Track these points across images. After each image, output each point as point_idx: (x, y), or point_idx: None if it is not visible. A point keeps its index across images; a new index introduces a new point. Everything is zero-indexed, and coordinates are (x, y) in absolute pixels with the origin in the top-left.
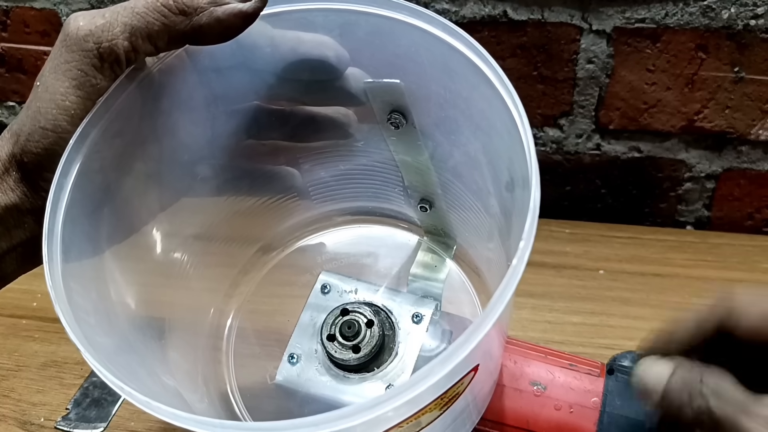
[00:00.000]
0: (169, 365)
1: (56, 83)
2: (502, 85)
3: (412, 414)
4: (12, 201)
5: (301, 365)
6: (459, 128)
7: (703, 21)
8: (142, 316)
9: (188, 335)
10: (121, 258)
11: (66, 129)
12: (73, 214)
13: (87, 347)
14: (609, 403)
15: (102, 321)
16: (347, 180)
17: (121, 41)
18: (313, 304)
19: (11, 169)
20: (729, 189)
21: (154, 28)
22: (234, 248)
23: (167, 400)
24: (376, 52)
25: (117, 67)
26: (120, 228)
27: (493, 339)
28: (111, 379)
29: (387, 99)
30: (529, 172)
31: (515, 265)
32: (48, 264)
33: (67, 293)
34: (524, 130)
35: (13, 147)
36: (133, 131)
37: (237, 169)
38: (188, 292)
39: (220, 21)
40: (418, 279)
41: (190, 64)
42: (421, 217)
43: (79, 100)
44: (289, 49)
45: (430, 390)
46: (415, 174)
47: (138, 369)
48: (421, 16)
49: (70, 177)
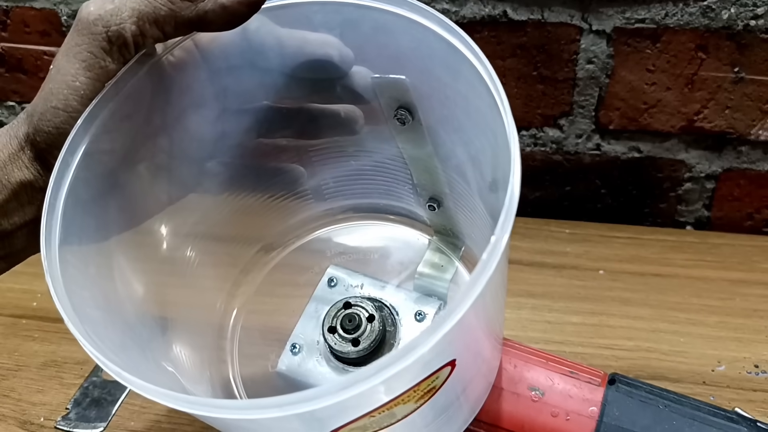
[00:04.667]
0: (170, 354)
1: (67, 65)
2: (492, 82)
3: (382, 404)
4: (27, 178)
5: (302, 355)
6: (461, 126)
7: (703, 21)
8: (144, 310)
9: (191, 333)
10: (124, 249)
11: (76, 108)
12: (77, 192)
13: (73, 318)
14: (607, 414)
15: (97, 297)
16: (358, 177)
17: (128, 25)
18: (319, 296)
19: (26, 147)
20: (729, 189)
21: (160, 13)
22: (237, 246)
23: (164, 383)
24: (380, 48)
25: (125, 50)
26: (126, 215)
27: (470, 336)
28: (95, 353)
29: (393, 95)
30: (510, 170)
31: (485, 259)
32: (45, 238)
33: (62, 267)
34: (509, 127)
35: (28, 127)
36: (142, 117)
37: (246, 166)
38: (191, 290)
39: (225, 7)
40: (424, 278)
41: (201, 60)
42: (430, 216)
43: (89, 81)
44: (296, 49)
45: (392, 380)
46: (424, 171)
47: (132, 347)
48: (421, 12)
49: (77, 154)
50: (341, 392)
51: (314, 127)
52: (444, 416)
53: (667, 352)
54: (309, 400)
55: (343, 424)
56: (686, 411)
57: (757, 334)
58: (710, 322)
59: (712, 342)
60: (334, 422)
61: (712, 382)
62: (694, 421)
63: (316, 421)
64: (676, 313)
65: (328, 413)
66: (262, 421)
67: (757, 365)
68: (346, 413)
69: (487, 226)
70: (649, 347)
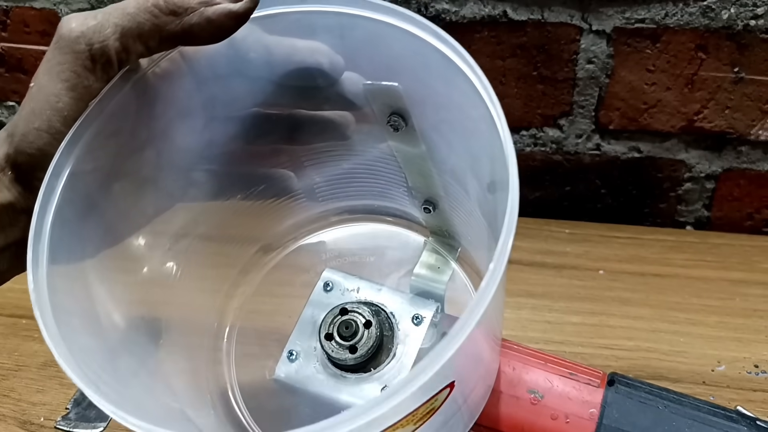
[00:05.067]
0: (167, 372)
1: (49, 84)
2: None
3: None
4: (7, 199)
5: (299, 362)
6: (454, 131)
7: (703, 21)
8: (139, 318)
9: (187, 337)
10: (116, 258)
11: (59, 130)
12: (63, 216)
13: (60, 347)
14: (607, 416)
15: (91, 323)
16: (352, 179)
17: (112, 42)
18: (315, 301)
19: (6, 168)
20: (729, 189)
21: (144, 28)
22: (234, 248)
23: (162, 414)
24: (372, 55)
25: (109, 68)
26: (112, 231)
27: (470, 355)
28: (77, 381)
29: (386, 101)
30: (508, 175)
31: (484, 287)
32: (32, 264)
33: (50, 293)
34: (503, 131)
35: (8, 148)
36: (127, 133)
37: (234, 173)
38: (187, 292)
39: (211, 21)
40: (421, 280)
41: (187, 69)
42: (426, 218)
43: (72, 102)
44: (285, 57)
45: (392, 412)
46: (418, 175)
47: (128, 375)
48: (410, 20)
49: (61, 178)
50: (335, 428)
51: (304, 133)
52: (445, 427)
53: (667, 352)
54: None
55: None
56: (686, 411)
57: (757, 334)
58: (710, 322)
59: (712, 342)
60: None
61: (712, 382)
62: (694, 421)
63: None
64: (676, 313)
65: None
66: None
67: (757, 365)
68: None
69: (484, 228)
70: (649, 347)
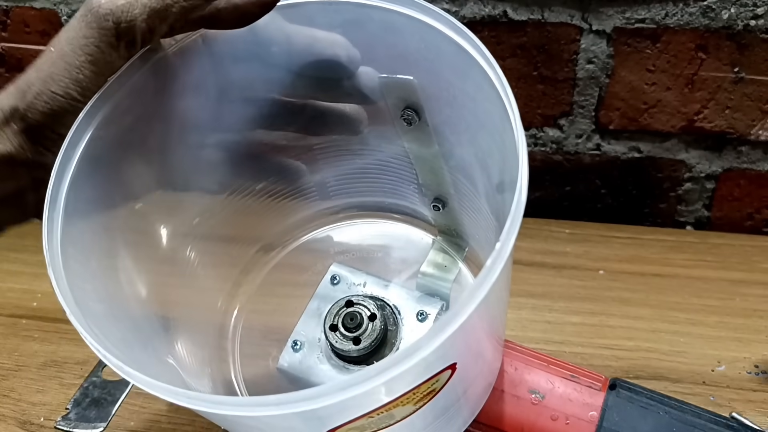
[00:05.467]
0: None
1: (72, 54)
2: (501, 85)
3: (382, 405)
4: (8, 150)
5: (303, 352)
6: (468, 127)
7: (703, 21)
8: (146, 307)
9: (193, 332)
10: (126, 247)
11: (76, 99)
12: (77, 184)
13: (75, 311)
14: (607, 419)
15: (99, 291)
16: (363, 175)
17: (139, 22)
18: (321, 293)
19: (11, 121)
20: (729, 189)
21: (172, 10)
22: (238, 246)
23: (165, 377)
24: (388, 47)
25: (132, 47)
26: (118, 193)
27: (472, 338)
28: (95, 346)
29: (400, 95)
30: (519, 173)
31: (489, 265)
32: (47, 230)
33: (64, 260)
34: (517, 131)
35: (17, 101)
36: (143, 109)
37: (246, 160)
38: (192, 290)
39: (238, 7)
40: (427, 277)
41: (204, 49)
42: (435, 216)
43: (92, 75)
44: (304, 47)
45: (393, 382)
46: (429, 172)
47: (134, 342)
48: (429, 12)
49: (78, 148)
50: (343, 392)
51: (317, 124)
52: (443, 418)
53: (667, 352)
54: (311, 399)
55: (342, 423)
56: (687, 418)
57: (757, 334)
58: (710, 322)
59: (712, 342)
60: (333, 421)
61: (712, 382)
62: (694, 428)
63: (317, 419)
64: (676, 313)
65: (329, 412)
66: (263, 418)
67: (757, 365)
68: (346, 413)
69: (492, 227)
70: (649, 347)
